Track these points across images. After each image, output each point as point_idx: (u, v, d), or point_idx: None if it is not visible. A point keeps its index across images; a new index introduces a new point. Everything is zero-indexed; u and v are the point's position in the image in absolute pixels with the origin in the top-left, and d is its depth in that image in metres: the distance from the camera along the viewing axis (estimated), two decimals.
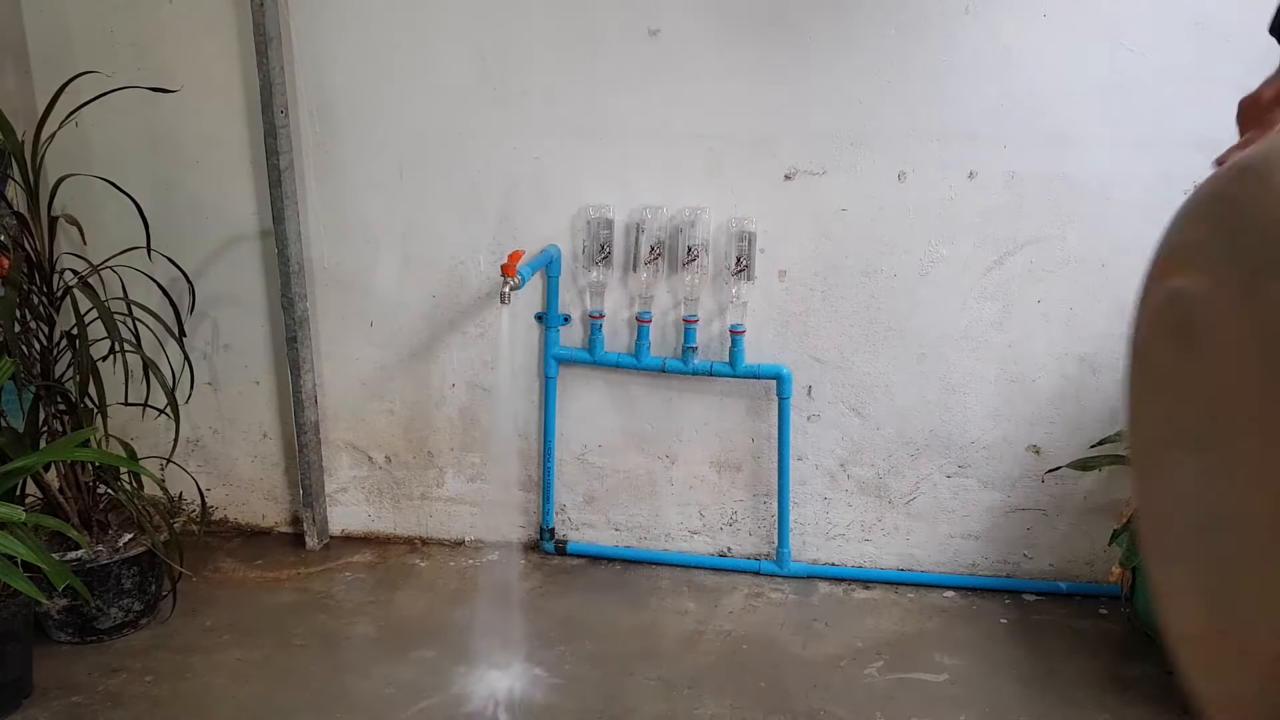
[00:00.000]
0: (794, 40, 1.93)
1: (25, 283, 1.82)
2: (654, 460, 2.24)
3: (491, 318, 2.19)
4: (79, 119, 1.98)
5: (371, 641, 1.97)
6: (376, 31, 2.04)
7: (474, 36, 2.02)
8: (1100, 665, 1.88)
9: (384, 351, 2.26)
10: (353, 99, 2.10)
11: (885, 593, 2.17)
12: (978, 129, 1.93)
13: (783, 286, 2.08)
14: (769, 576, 2.22)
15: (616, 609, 2.09)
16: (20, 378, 1.83)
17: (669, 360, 2.12)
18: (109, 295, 1.94)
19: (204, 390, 2.32)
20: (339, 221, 2.18)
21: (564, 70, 2.01)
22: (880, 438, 2.15)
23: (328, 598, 2.14)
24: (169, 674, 1.87)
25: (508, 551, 2.31)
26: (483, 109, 2.06)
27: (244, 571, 2.24)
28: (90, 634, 1.95)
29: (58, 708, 1.76)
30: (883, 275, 2.04)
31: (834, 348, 2.10)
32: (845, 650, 1.95)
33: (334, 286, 2.23)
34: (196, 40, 2.10)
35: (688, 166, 2.04)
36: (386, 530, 2.39)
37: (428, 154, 2.11)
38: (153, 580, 2.01)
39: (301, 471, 2.29)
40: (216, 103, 2.13)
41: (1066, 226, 1.95)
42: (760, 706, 1.78)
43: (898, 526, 2.20)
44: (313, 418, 2.28)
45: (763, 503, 2.23)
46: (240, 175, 2.18)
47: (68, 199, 2.01)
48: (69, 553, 1.88)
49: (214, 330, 2.30)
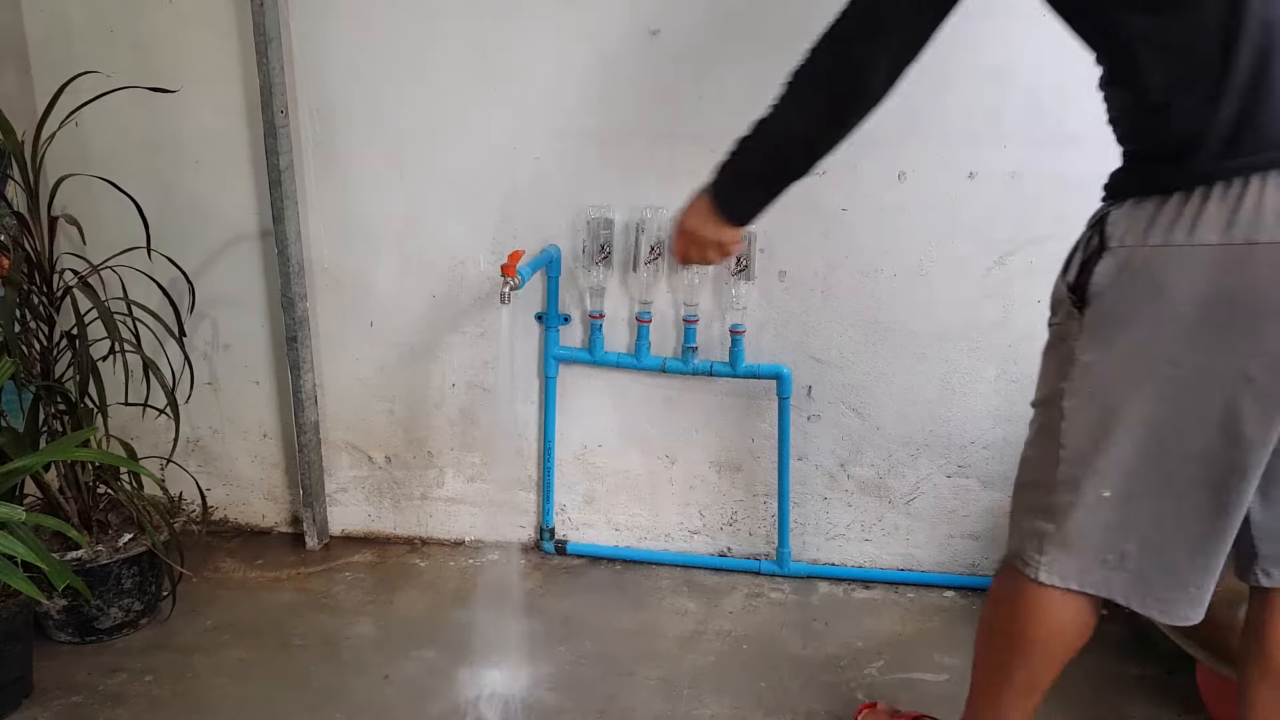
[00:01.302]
0: (795, 39, 1.93)
1: (25, 283, 1.82)
2: (654, 460, 2.24)
3: (491, 318, 2.19)
4: (79, 119, 1.98)
5: (371, 641, 1.97)
6: (376, 31, 2.04)
7: (474, 36, 2.02)
8: (1100, 665, 1.88)
9: (384, 351, 2.26)
10: (353, 99, 2.10)
11: (885, 593, 2.17)
12: (978, 129, 1.93)
13: (783, 286, 2.08)
14: (769, 576, 2.22)
15: (616, 609, 2.09)
16: (20, 378, 1.83)
17: (669, 360, 2.12)
18: (109, 295, 1.94)
19: (204, 390, 2.32)
20: (339, 221, 2.18)
21: (564, 70, 2.01)
22: (880, 438, 2.15)
23: (328, 598, 2.14)
24: (169, 674, 1.87)
25: (508, 551, 2.31)
26: (483, 109, 2.06)
27: (244, 571, 2.24)
28: (90, 634, 1.95)
29: (58, 708, 1.76)
30: (883, 275, 2.04)
31: (834, 348, 2.10)
32: (845, 650, 1.95)
33: (334, 286, 2.23)
34: (196, 40, 2.10)
35: (688, 166, 2.03)
36: (386, 530, 2.39)
37: (428, 154, 2.11)
38: (153, 580, 2.01)
39: (301, 471, 2.29)
40: (216, 103, 2.13)
41: (1066, 226, 1.95)
42: (760, 706, 1.78)
43: (898, 526, 2.20)
44: (313, 418, 2.28)
45: (763, 503, 2.23)
46: (240, 175, 2.18)
47: (68, 199, 2.01)
48: (69, 553, 1.88)
49: (214, 330, 2.30)
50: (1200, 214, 1.08)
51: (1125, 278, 1.14)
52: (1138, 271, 1.12)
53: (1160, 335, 1.13)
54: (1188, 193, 1.09)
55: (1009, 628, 1.33)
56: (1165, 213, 1.11)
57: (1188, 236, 1.09)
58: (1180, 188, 1.10)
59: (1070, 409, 1.20)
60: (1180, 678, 1.82)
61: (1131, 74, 1.14)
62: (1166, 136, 1.12)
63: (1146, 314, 1.13)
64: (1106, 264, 1.15)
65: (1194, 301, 1.10)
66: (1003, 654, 1.35)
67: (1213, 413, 1.13)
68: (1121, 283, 1.14)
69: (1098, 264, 1.16)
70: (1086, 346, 1.18)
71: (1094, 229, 1.18)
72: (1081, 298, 1.18)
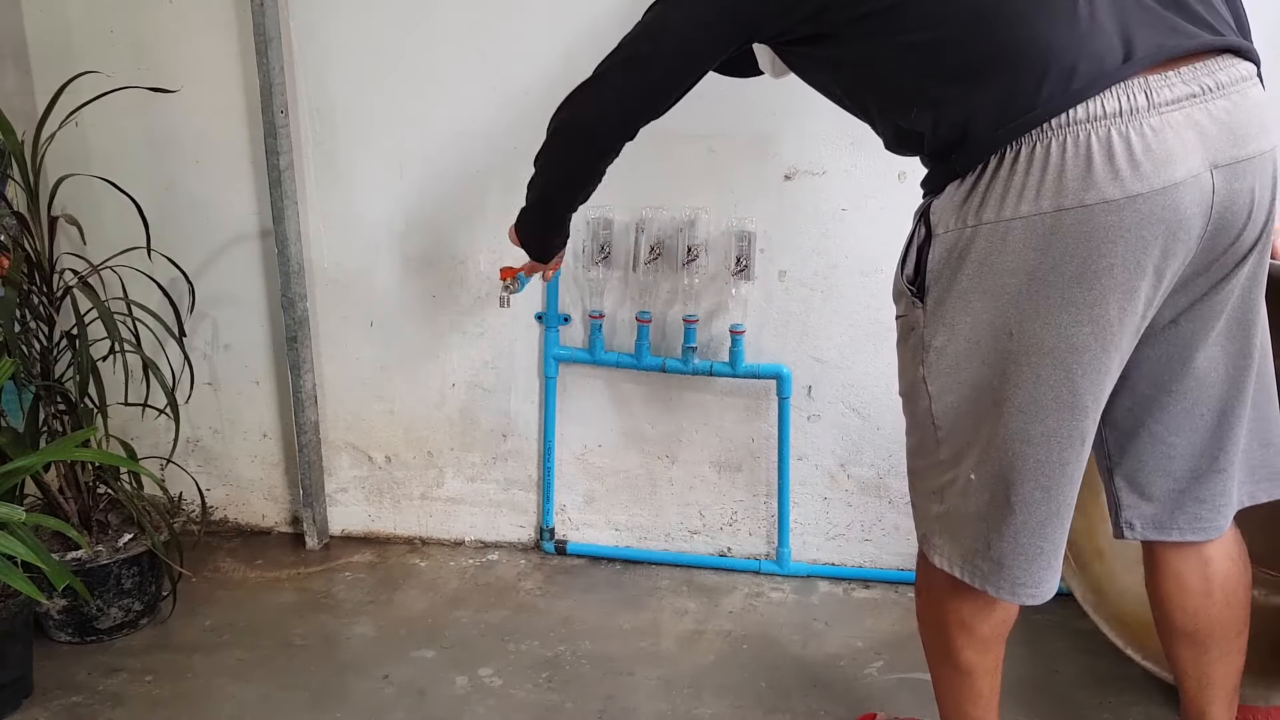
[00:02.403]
0: None
1: (25, 283, 1.82)
2: (654, 460, 2.24)
3: (492, 318, 2.19)
4: (79, 119, 1.98)
5: (371, 641, 1.97)
6: (376, 31, 2.04)
7: (474, 36, 2.02)
8: (1100, 665, 1.88)
9: (384, 351, 2.26)
10: (353, 99, 2.10)
11: (885, 592, 2.17)
12: None
13: (783, 286, 2.08)
14: (769, 576, 2.22)
15: (616, 609, 2.09)
16: (20, 378, 1.84)
17: (669, 360, 2.12)
18: (109, 295, 1.95)
19: (204, 390, 2.32)
20: (339, 221, 2.18)
21: (565, 69, 2.01)
22: (880, 437, 2.15)
23: (328, 598, 2.14)
24: (169, 674, 1.87)
25: (508, 551, 2.32)
26: (482, 108, 2.06)
27: (244, 571, 2.24)
28: (90, 634, 1.95)
29: (58, 708, 1.77)
30: (883, 275, 2.04)
31: (834, 348, 2.10)
32: (845, 650, 1.95)
33: (334, 286, 2.23)
34: (196, 40, 2.10)
35: (688, 166, 2.04)
36: (386, 530, 2.39)
37: (427, 154, 2.11)
38: (153, 580, 2.01)
39: (301, 471, 2.29)
40: (216, 103, 2.13)
41: None
42: (760, 706, 1.78)
43: (898, 526, 2.20)
44: (313, 418, 2.28)
45: (763, 503, 2.23)
46: (240, 175, 2.18)
47: (68, 199, 2.01)
48: (69, 553, 1.88)
49: (214, 330, 2.30)
50: (1007, 188, 1.10)
51: (955, 260, 1.15)
52: (964, 252, 1.14)
53: (994, 309, 1.14)
54: (984, 167, 1.11)
55: (932, 616, 1.35)
56: (976, 193, 1.12)
57: (997, 213, 1.11)
58: (972, 166, 1.12)
59: (935, 391, 1.22)
60: None
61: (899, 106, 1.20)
62: (946, 131, 1.15)
63: (978, 291, 1.15)
64: (936, 251, 1.17)
65: (1018, 274, 1.11)
66: (939, 644, 1.37)
67: (1056, 383, 1.14)
68: (952, 265, 1.16)
69: (929, 252, 1.18)
70: (935, 332, 1.20)
71: (920, 221, 1.21)
72: (920, 287, 1.20)
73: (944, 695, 1.42)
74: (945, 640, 1.34)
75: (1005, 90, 1.09)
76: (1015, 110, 1.08)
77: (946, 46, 1.12)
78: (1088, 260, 1.08)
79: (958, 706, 1.40)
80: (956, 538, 1.26)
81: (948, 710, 1.42)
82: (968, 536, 1.25)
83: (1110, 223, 1.06)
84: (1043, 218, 1.08)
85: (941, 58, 1.13)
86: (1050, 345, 1.13)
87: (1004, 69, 1.09)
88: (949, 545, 1.27)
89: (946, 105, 1.13)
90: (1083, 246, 1.08)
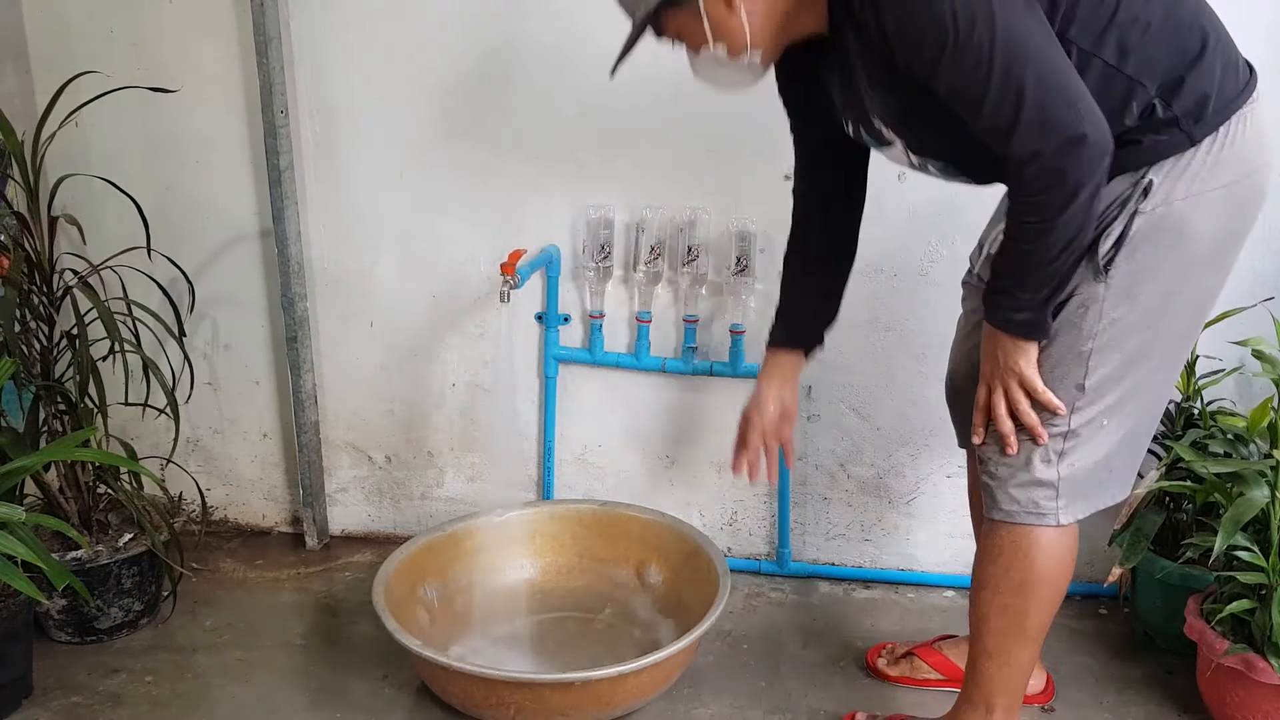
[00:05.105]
0: None
1: (25, 283, 1.82)
2: (654, 460, 2.24)
3: (492, 317, 2.19)
4: (79, 119, 1.98)
5: (371, 641, 1.97)
6: (376, 31, 2.04)
7: (475, 36, 2.02)
8: (1100, 665, 1.88)
9: (384, 351, 2.26)
10: (353, 99, 2.10)
11: (885, 592, 2.17)
12: None
13: None
14: (769, 576, 2.22)
15: None
16: (20, 378, 1.84)
17: (669, 360, 2.12)
18: (109, 295, 1.94)
19: (204, 390, 2.32)
20: (339, 221, 2.18)
21: (564, 69, 2.01)
22: (880, 438, 2.14)
23: (328, 598, 2.14)
24: (169, 674, 1.87)
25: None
26: (483, 108, 2.06)
27: (244, 571, 2.24)
28: (90, 634, 1.95)
29: (58, 708, 1.77)
30: (883, 275, 2.04)
31: (834, 348, 2.10)
32: (845, 650, 1.95)
33: (334, 286, 2.23)
34: (196, 40, 2.10)
35: (688, 166, 2.04)
36: (386, 530, 2.39)
37: (428, 154, 2.11)
38: (153, 580, 2.01)
39: (301, 471, 2.29)
40: (216, 103, 2.13)
41: None
42: (760, 706, 1.78)
43: (898, 526, 2.20)
44: (313, 418, 2.28)
45: (763, 503, 2.23)
46: (240, 175, 2.18)
47: (68, 199, 2.01)
48: (69, 553, 1.88)
49: (214, 330, 2.30)
50: (1218, 160, 1.24)
51: (1161, 230, 1.26)
52: (1174, 223, 1.25)
53: (1178, 277, 1.28)
54: (1214, 137, 1.24)
55: (1024, 578, 1.39)
56: (1204, 163, 1.24)
57: (1206, 183, 1.24)
58: (1207, 134, 1.24)
59: (1095, 364, 1.31)
60: (1180, 678, 1.82)
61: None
62: (1187, 100, 1.25)
63: (1171, 261, 1.27)
64: (1142, 223, 1.26)
65: (1209, 241, 1.27)
66: (1020, 606, 1.40)
67: (1190, 339, 1.38)
68: (1154, 236, 1.26)
69: (1132, 225, 1.26)
70: (1116, 304, 1.29)
71: (1137, 194, 1.26)
72: (1109, 264, 1.28)
73: (999, 673, 1.45)
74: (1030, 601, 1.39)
75: (1231, 65, 1.26)
76: (1238, 84, 1.26)
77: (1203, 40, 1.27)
78: (1248, 222, 1.30)
79: (1023, 668, 1.46)
80: (1079, 485, 1.36)
81: (1014, 678, 1.46)
82: (1092, 482, 1.37)
83: (1266, 186, 1.29)
84: (1239, 183, 1.25)
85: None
86: (1199, 305, 1.33)
87: (1224, 48, 1.27)
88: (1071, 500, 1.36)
89: (1195, 75, 1.23)
90: (1252, 210, 1.29)
